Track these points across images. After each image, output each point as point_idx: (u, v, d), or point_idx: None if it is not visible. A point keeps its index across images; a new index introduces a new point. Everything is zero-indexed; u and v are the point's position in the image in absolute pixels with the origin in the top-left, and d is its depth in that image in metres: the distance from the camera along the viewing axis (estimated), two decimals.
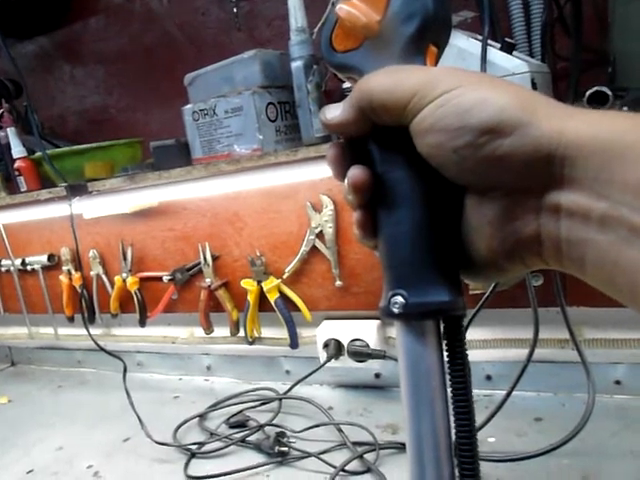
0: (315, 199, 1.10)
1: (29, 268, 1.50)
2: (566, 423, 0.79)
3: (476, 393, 1.01)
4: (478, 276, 0.31)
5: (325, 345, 1.10)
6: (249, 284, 1.19)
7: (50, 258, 1.47)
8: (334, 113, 0.30)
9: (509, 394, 0.83)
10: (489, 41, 0.70)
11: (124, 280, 1.35)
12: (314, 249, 1.13)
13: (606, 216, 0.23)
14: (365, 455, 0.89)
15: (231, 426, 1.06)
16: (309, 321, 1.16)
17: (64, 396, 1.39)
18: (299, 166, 0.92)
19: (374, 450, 0.89)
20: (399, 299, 0.29)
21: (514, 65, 0.69)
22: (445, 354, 0.30)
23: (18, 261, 1.51)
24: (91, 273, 1.41)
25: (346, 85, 0.89)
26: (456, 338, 0.30)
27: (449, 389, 0.30)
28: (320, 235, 1.11)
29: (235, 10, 1.09)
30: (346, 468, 0.86)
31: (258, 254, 1.18)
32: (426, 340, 0.30)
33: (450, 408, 0.30)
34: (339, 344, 1.09)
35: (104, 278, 1.40)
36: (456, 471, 0.30)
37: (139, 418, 1.06)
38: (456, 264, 0.30)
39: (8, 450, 1.12)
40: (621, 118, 0.24)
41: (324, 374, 1.14)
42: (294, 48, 0.87)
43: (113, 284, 1.38)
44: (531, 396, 0.98)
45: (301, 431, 0.99)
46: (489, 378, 1.03)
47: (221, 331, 1.28)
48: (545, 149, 0.24)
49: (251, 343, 1.23)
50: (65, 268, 1.44)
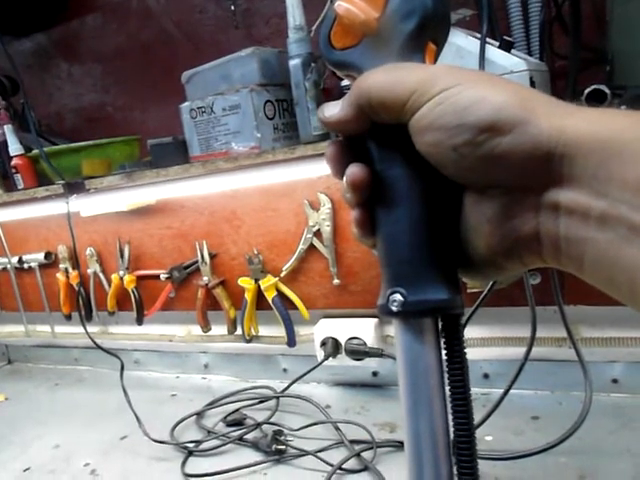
0: (313, 197, 1.09)
1: (26, 266, 1.50)
2: (563, 421, 0.79)
3: (473, 391, 1.00)
4: (476, 275, 0.31)
5: (323, 343, 1.10)
6: (246, 282, 1.19)
7: (47, 256, 1.46)
8: (332, 111, 0.30)
9: (506, 392, 0.83)
10: (487, 39, 0.70)
11: (121, 278, 1.34)
12: (312, 247, 1.13)
13: (605, 214, 0.23)
14: (362, 453, 0.89)
15: (228, 424, 1.06)
16: (307, 319, 1.16)
17: (61, 394, 1.38)
18: (297, 164, 0.92)
19: (371, 448, 0.89)
20: (397, 297, 0.29)
21: (512, 63, 0.69)
22: (443, 352, 0.30)
23: (15, 259, 1.51)
24: (88, 271, 1.41)
25: (344, 83, 0.89)
26: (454, 336, 0.30)
27: (447, 387, 0.30)
28: (318, 233, 1.11)
29: (233, 8, 1.09)
30: (343, 466, 0.86)
31: (256, 252, 1.18)
32: (424, 338, 0.30)
33: (448, 406, 0.30)
34: (337, 342, 1.09)
35: (101, 276, 1.40)
36: (454, 469, 0.30)
37: (136, 416, 1.06)
38: (454, 262, 0.30)
39: (5, 448, 1.12)
40: (620, 116, 0.24)
41: (321, 372, 1.14)
42: (292, 46, 0.86)
43: (110, 282, 1.37)
44: (528, 394, 0.99)
45: (298, 429, 0.99)
46: (487, 376, 1.03)
47: (218, 329, 1.28)
48: (544, 147, 0.24)
49: (248, 341, 1.23)
50: (62, 266, 1.44)
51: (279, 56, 0.92)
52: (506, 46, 0.71)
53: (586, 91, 0.64)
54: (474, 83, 0.26)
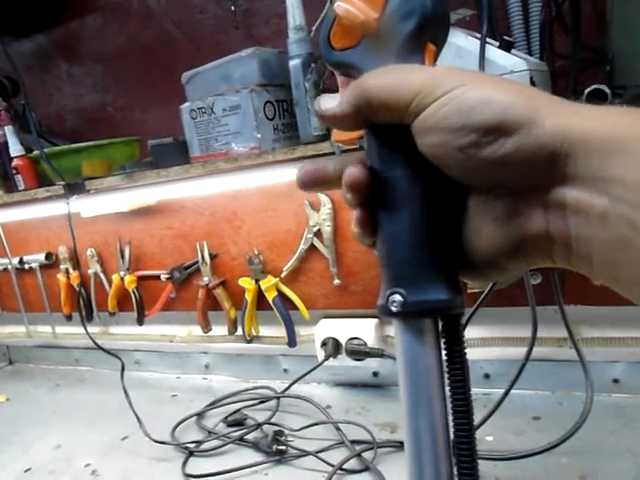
0: (313, 197, 1.09)
1: (27, 267, 1.50)
2: (564, 422, 0.79)
3: (474, 392, 1.01)
4: (477, 276, 0.30)
5: (323, 344, 1.10)
6: (247, 283, 1.19)
7: (48, 257, 1.46)
8: (330, 104, 0.30)
9: (507, 393, 0.83)
10: (487, 39, 0.70)
11: (122, 278, 1.35)
12: (312, 247, 1.13)
13: (606, 213, 0.23)
14: (363, 454, 0.89)
15: (229, 425, 1.06)
16: (307, 320, 1.16)
17: (62, 394, 1.38)
18: (297, 164, 0.92)
19: (372, 449, 0.89)
20: (397, 297, 0.29)
21: (512, 63, 0.69)
22: (444, 352, 0.30)
23: (16, 260, 1.51)
24: (89, 272, 1.41)
25: None
26: (454, 336, 0.30)
27: (447, 387, 0.30)
28: (318, 233, 1.11)
29: (233, 8, 1.09)
30: (344, 466, 0.86)
31: (256, 252, 1.18)
32: (424, 339, 0.30)
33: (448, 406, 0.30)
34: (337, 343, 1.09)
35: (102, 277, 1.40)
36: (454, 469, 0.29)
37: (137, 417, 1.06)
38: (454, 263, 0.30)
39: (6, 448, 1.12)
40: (624, 114, 0.24)
41: (322, 373, 1.14)
42: (292, 46, 0.86)
43: (111, 282, 1.37)
44: (529, 395, 0.98)
45: (299, 429, 0.99)
46: (487, 377, 1.03)
47: (219, 330, 1.28)
48: (549, 147, 0.24)
49: (249, 342, 1.23)
50: (63, 267, 1.44)
51: (279, 56, 0.92)
52: (506, 46, 0.71)
53: (586, 91, 0.64)
54: (477, 84, 0.26)
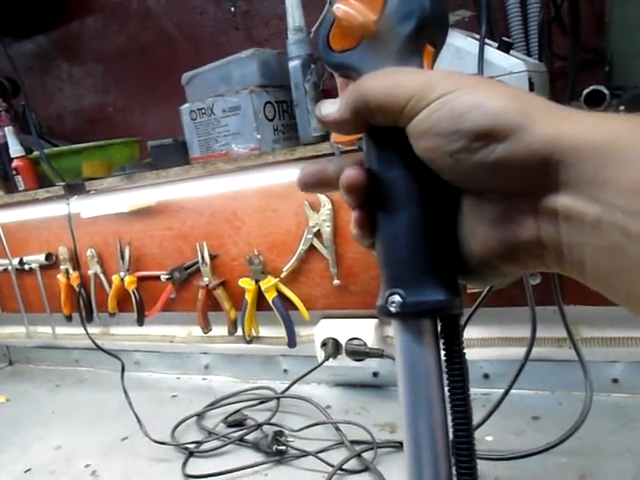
0: (313, 198, 1.09)
1: (27, 267, 1.50)
2: (564, 422, 0.79)
3: (474, 392, 1.01)
4: (474, 278, 0.30)
5: (323, 344, 1.10)
6: (247, 283, 1.19)
7: (48, 257, 1.47)
8: (330, 109, 0.30)
9: (507, 393, 0.83)
10: (486, 40, 0.70)
11: (122, 279, 1.35)
12: (312, 248, 1.13)
13: (599, 220, 0.23)
14: (363, 454, 0.89)
15: (229, 425, 1.06)
16: (307, 320, 1.16)
17: (62, 395, 1.38)
18: (297, 165, 0.92)
19: (372, 449, 0.89)
20: (396, 298, 0.29)
21: (511, 64, 0.69)
22: (443, 353, 0.30)
23: (16, 260, 1.51)
24: (89, 272, 1.41)
25: None
26: (453, 337, 0.30)
27: (447, 388, 0.30)
28: (318, 234, 1.11)
29: (233, 9, 1.09)
30: (344, 467, 0.86)
31: (256, 253, 1.18)
32: (423, 339, 0.30)
33: (448, 407, 0.30)
34: (337, 343, 1.09)
35: (102, 277, 1.40)
36: (453, 470, 0.30)
37: (137, 417, 1.06)
38: (453, 263, 0.30)
39: (6, 449, 1.12)
40: (618, 121, 0.24)
41: (322, 373, 1.14)
42: (292, 47, 0.87)
43: (111, 283, 1.38)
44: (529, 395, 0.99)
45: (299, 430, 0.99)
46: (487, 377, 1.03)
47: (219, 330, 1.28)
48: (540, 153, 0.24)
49: (249, 342, 1.24)
50: (63, 267, 1.44)
51: (279, 57, 0.93)
52: (505, 47, 0.71)
53: (585, 92, 0.64)
54: (472, 88, 0.26)
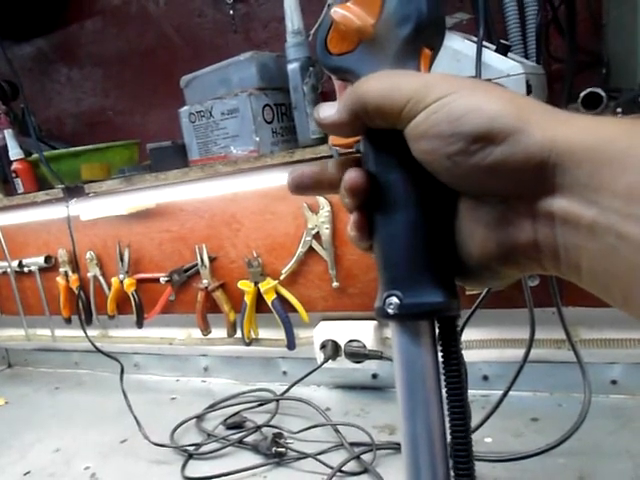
0: (311, 200, 1.10)
1: (26, 270, 1.50)
2: (562, 423, 0.79)
3: (473, 393, 1.01)
4: (472, 280, 0.31)
5: (322, 346, 1.11)
6: (246, 285, 1.19)
7: (47, 260, 1.47)
8: (328, 112, 0.30)
9: (505, 394, 0.83)
10: (484, 43, 0.70)
11: (121, 281, 1.35)
12: (311, 250, 1.13)
13: (595, 223, 0.23)
14: (362, 456, 0.89)
15: (228, 427, 1.06)
16: (306, 322, 1.16)
17: (61, 398, 1.38)
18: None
19: (371, 451, 0.89)
20: (394, 300, 0.29)
21: (509, 67, 0.69)
22: (440, 354, 0.30)
23: (15, 263, 1.51)
24: (88, 275, 1.41)
25: None
26: (451, 339, 0.30)
27: (444, 389, 0.30)
28: (317, 236, 1.11)
29: (231, 12, 1.10)
30: (343, 469, 0.86)
31: (255, 255, 1.18)
32: (421, 341, 0.30)
33: (445, 408, 0.30)
34: (336, 345, 1.09)
35: (101, 280, 1.40)
36: (451, 472, 0.30)
37: (136, 419, 1.06)
38: (451, 265, 0.30)
39: (5, 452, 1.12)
40: (614, 124, 0.24)
41: (321, 375, 1.14)
42: (290, 50, 0.87)
43: (110, 285, 1.38)
44: (528, 396, 0.99)
45: (298, 432, 0.99)
46: (486, 378, 1.03)
47: (218, 332, 1.28)
48: (537, 157, 0.24)
49: (248, 344, 1.24)
50: (62, 270, 1.44)
51: (277, 60, 0.93)
52: (503, 49, 0.71)
53: (582, 94, 0.64)
54: (470, 91, 0.26)
